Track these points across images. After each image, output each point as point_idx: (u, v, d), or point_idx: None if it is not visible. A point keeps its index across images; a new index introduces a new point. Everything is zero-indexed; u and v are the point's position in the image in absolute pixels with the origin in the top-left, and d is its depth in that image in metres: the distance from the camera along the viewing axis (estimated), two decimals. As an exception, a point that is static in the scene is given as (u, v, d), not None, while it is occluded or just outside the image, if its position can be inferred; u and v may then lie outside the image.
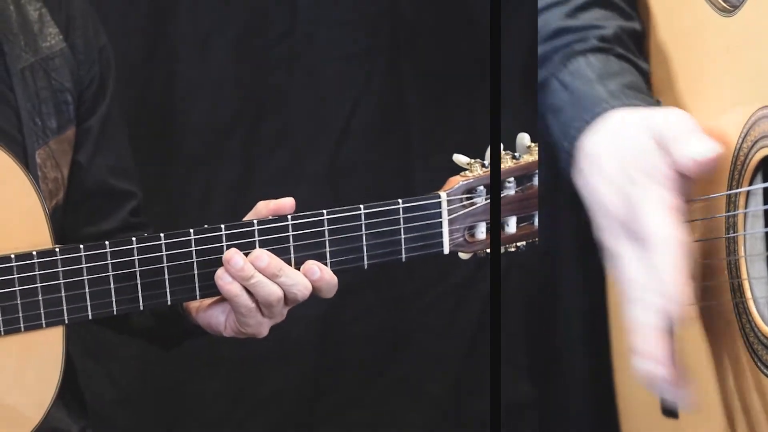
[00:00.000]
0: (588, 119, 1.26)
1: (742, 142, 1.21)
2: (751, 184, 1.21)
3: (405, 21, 2.27)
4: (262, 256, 1.33)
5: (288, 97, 2.25)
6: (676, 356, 1.17)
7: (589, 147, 1.26)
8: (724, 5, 1.25)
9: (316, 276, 1.34)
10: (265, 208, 1.38)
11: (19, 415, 1.29)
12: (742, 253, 1.21)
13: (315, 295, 1.36)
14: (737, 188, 1.22)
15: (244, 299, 1.33)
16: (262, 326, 1.37)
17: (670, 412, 1.37)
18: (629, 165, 1.20)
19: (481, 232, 1.42)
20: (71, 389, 1.46)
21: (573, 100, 1.28)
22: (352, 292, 2.27)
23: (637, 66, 1.33)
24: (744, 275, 1.21)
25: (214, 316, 1.39)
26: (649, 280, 1.17)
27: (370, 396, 2.33)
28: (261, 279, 1.32)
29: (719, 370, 1.28)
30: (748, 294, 1.21)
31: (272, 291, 1.32)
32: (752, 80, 1.20)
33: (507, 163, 1.42)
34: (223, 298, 1.35)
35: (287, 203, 1.38)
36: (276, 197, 2.23)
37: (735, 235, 1.22)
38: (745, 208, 1.21)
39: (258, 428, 2.30)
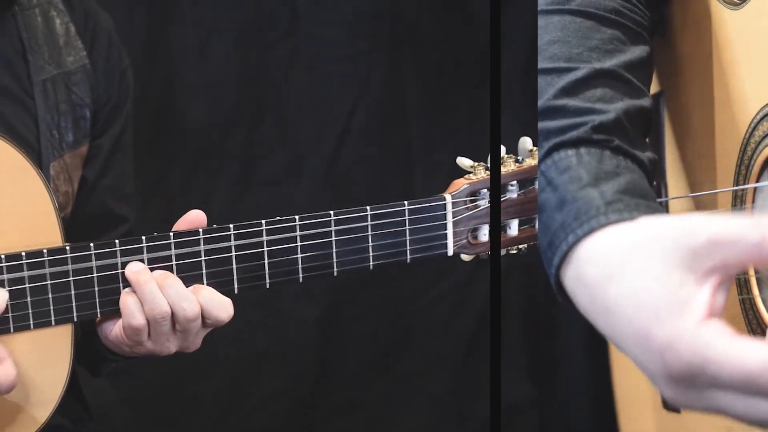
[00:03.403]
0: (579, 232, 1.07)
1: (749, 137, 1.20)
2: (758, 180, 1.20)
3: (405, 21, 2.27)
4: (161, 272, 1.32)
5: (288, 97, 2.25)
6: None
7: (589, 278, 1.06)
8: None
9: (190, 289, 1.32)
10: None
11: (27, 412, 1.29)
12: None
13: (311, 293, 1.35)
14: (744, 184, 1.21)
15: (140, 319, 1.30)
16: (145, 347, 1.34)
17: (672, 406, 1.37)
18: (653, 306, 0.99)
19: (484, 234, 1.43)
20: (71, 389, 1.46)
21: (560, 203, 1.10)
22: (352, 292, 2.27)
23: (636, 158, 1.15)
24: (751, 271, 1.21)
25: (106, 325, 1.36)
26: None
27: (370, 396, 2.32)
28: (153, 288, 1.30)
29: None
30: (756, 291, 1.21)
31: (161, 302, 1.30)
32: (759, 75, 1.20)
33: (510, 166, 1.43)
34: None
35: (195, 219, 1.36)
36: (276, 197, 2.24)
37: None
38: (753, 204, 1.21)
39: (258, 428, 2.30)
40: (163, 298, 1.30)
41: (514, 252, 1.46)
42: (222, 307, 1.32)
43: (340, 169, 2.27)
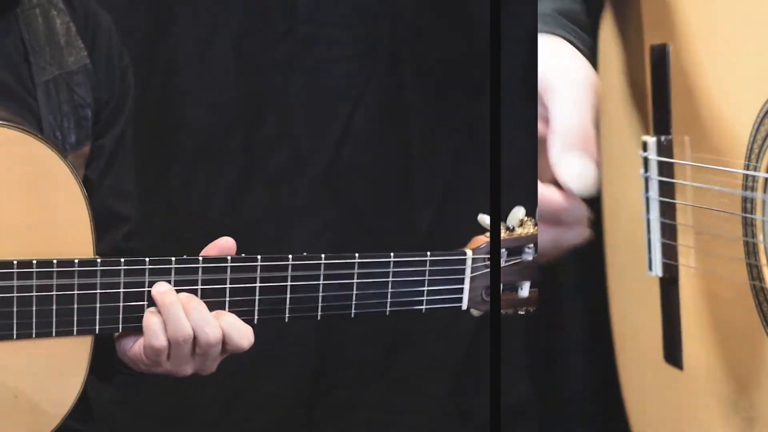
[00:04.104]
0: None
1: (759, 124, 1.19)
2: None
3: (405, 21, 2.27)
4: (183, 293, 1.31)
5: (288, 98, 2.25)
6: None
7: None
8: None
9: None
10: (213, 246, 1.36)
11: (37, 418, 1.29)
12: (761, 237, 1.21)
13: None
14: (756, 161, 1.20)
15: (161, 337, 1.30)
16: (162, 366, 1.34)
17: (674, 360, 1.38)
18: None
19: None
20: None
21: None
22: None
23: None
24: (763, 261, 1.21)
25: (125, 341, 1.36)
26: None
27: (370, 396, 2.33)
28: (178, 310, 1.29)
29: (732, 337, 1.28)
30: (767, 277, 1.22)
31: (184, 325, 1.30)
32: None
33: (529, 229, 1.43)
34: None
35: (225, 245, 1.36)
36: (276, 197, 2.23)
37: (753, 217, 1.22)
38: (764, 191, 1.20)
39: (258, 428, 2.30)
40: (186, 321, 1.29)
41: (522, 313, 1.47)
42: (243, 335, 1.32)
43: (340, 169, 2.27)
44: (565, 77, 1.18)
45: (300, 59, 2.24)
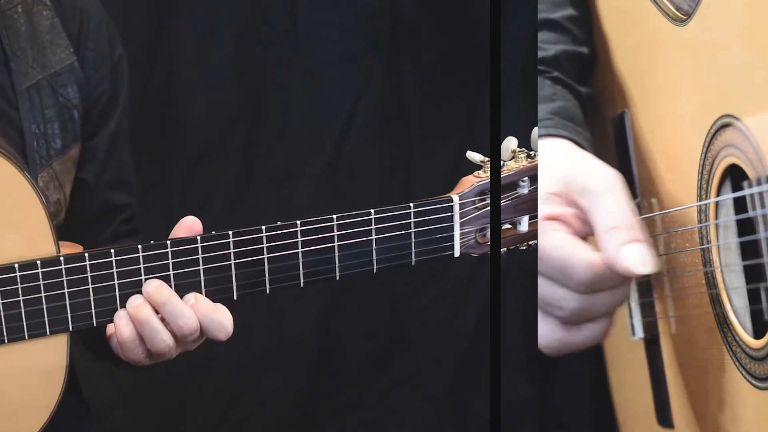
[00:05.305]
0: None
1: (706, 151, 1.21)
2: (719, 191, 1.21)
3: (405, 21, 2.27)
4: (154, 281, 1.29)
5: (288, 97, 2.25)
6: None
7: None
8: (677, 14, 1.25)
9: (191, 302, 1.30)
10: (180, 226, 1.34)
11: (23, 420, 1.28)
12: (717, 264, 1.21)
13: (311, 292, 1.34)
14: (706, 196, 1.22)
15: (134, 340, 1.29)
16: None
17: (665, 421, 1.38)
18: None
19: None
20: (72, 392, 1.45)
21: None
22: (352, 291, 2.27)
23: (574, 90, 1.35)
24: (721, 285, 1.21)
25: (108, 329, 1.35)
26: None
27: (370, 396, 2.32)
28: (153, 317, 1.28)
29: (706, 380, 1.28)
30: (728, 305, 1.22)
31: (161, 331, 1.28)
32: (710, 88, 1.20)
33: (522, 162, 1.40)
34: None
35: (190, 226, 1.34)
36: (276, 197, 2.23)
37: (709, 246, 1.22)
38: (716, 217, 1.21)
39: (258, 428, 2.30)
40: (165, 332, 1.28)
41: (524, 248, 1.43)
42: (219, 327, 1.31)
43: (340, 169, 2.27)
44: (600, 179, 1.24)
45: (300, 59, 2.24)
